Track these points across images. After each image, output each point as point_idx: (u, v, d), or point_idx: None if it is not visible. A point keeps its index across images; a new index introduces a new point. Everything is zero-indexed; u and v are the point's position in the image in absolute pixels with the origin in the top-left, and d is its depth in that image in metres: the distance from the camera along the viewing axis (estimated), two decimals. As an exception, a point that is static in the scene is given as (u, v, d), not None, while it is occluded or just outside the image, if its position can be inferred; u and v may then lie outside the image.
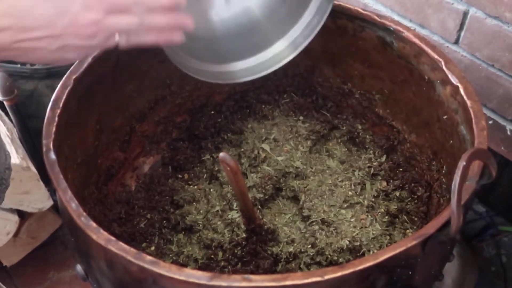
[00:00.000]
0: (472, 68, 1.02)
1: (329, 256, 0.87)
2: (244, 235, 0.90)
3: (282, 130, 1.08)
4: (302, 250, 0.89)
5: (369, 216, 0.94)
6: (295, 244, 0.90)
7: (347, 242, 0.89)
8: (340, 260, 0.87)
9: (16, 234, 1.14)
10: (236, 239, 0.90)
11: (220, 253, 0.89)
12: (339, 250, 0.88)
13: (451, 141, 0.84)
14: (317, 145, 1.07)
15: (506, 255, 1.17)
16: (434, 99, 0.87)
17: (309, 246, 0.89)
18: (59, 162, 0.69)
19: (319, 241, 0.90)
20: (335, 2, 0.95)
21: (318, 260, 0.87)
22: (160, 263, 0.55)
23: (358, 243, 0.88)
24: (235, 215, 0.94)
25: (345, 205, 0.95)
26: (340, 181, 1.00)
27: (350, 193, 0.97)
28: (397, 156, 1.02)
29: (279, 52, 0.86)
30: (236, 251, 0.88)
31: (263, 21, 0.82)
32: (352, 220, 0.93)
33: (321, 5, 0.84)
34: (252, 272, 0.85)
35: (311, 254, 0.88)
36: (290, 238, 0.91)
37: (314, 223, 0.93)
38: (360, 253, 0.88)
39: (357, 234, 0.91)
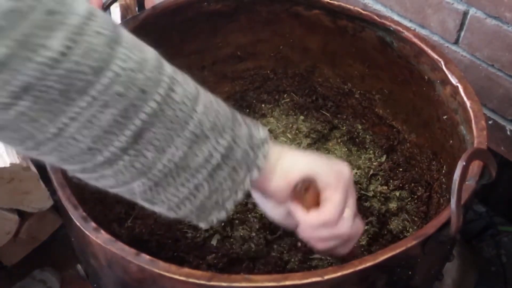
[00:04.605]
0: (472, 68, 1.02)
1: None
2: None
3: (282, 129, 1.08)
4: (302, 250, 0.88)
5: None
6: (295, 244, 0.90)
7: (347, 242, 0.88)
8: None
9: (16, 234, 1.14)
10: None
11: (220, 253, 0.89)
12: (339, 250, 0.88)
13: (451, 141, 0.84)
14: (317, 145, 1.07)
15: (506, 255, 1.17)
16: (434, 99, 0.87)
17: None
18: (59, 162, 0.69)
19: (319, 241, 0.89)
20: (335, 2, 0.95)
21: (318, 260, 0.87)
22: (160, 263, 0.55)
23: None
24: (235, 215, 0.94)
25: (345, 205, 0.95)
26: (340, 181, 0.99)
27: (350, 193, 0.97)
28: (397, 156, 1.02)
29: None
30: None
31: None
32: (352, 220, 0.93)
33: None
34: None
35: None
36: (290, 238, 0.91)
37: (314, 223, 0.93)
38: (360, 253, 0.88)
39: (357, 234, 0.90)
